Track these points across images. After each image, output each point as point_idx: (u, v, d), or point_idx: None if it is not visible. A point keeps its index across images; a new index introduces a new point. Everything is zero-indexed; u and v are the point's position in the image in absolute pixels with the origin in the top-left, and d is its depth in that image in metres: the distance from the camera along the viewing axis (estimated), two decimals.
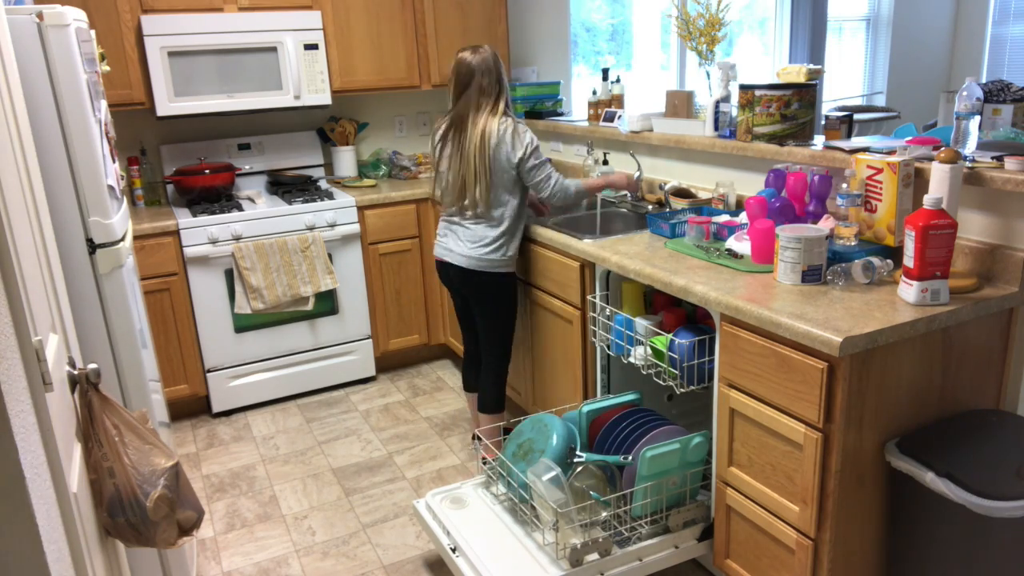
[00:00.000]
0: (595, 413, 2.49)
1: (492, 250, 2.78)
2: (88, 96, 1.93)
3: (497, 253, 2.78)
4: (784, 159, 2.54)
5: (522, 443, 2.43)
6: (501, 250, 2.79)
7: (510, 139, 2.70)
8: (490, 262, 2.79)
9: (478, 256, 2.79)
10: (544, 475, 2.16)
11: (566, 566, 2.10)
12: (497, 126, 2.70)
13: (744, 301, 1.96)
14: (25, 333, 1.14)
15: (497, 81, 2.74)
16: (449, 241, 2.86)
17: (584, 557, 2.12)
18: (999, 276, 2.01)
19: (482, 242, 2.78)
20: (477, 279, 2.82)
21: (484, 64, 2.71)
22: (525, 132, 2.73)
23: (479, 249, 2.78)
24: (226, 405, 3.66)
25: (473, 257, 2.79)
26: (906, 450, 1.84)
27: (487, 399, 2.95)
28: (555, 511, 2.10)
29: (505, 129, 2.71)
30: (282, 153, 4.09)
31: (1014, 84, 2.91)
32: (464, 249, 2.81)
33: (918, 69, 6.23)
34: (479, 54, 2.73)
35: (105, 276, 1.99)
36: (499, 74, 2.75)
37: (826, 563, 1.88)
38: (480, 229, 2.79)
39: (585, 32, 5.25)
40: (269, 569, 2.57)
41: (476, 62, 2.71)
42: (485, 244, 2.78)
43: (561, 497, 2.12)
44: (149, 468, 1.51)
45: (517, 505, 2.35)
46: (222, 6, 3.57)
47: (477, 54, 2.73)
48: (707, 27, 3.00)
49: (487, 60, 2.72)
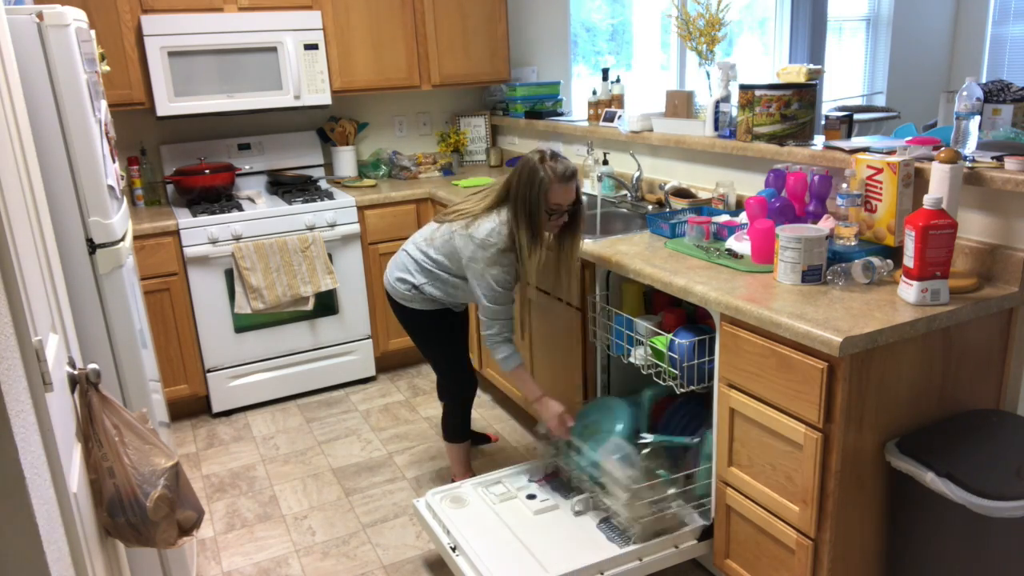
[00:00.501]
0: (658, 396, 2.57)
1: (400, 280, 2.59)
2: (88, 96, 1.93)
3: (402, 286, 2.58)
4: (784, 159, 2.54)
5: (587, 424, 2.51)
6: (406, 285, 2.57)
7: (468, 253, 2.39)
8: (401, 295, 2.60)
9: (390, 279, 2.63)
10: (615, 454, 2.29)
11: (639, 541, 2.18)
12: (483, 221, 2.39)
13: (744, 301, 1.96)
14: (25, 333, 1.14)
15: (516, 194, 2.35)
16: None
17: (656, 529, 2.20)
18: (999, 276, 2.01)
19: (397, 269, 2.60)
20: (396, 308, 2.67)
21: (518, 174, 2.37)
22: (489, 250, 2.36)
23: (393, 272, 2.62)
24: (226, 405, 3.66)
25: (389, 281, 2.63)
26: (906, 450, 1.84)
27: (445, 428, 2.84)
28: (628, 488, 2.18)
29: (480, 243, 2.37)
30: (282, 153, 4.09)
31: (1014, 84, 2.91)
32: (389, 270, 2.66)
33: (918, 69, 6.23)
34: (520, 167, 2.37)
35: (105, 276, 1.99)
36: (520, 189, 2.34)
37: (826, 563, 1.88)
38: (406, 256, 2.59)
39: (585, 32, 5.25)
40: (269, 569, 2.57)
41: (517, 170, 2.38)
42: (400, 271, 2.59)
43: (634, 474, 2.21)
44: (149, 468, 1.51)
45: (586, 484, 2.43)
46: (222, 6, 3.57)
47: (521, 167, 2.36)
48: (707, 27, 3.00)
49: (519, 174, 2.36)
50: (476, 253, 2.40)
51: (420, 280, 2.55)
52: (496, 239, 2.37)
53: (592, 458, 2.39)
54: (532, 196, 2.31)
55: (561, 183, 2.33)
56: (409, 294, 2.58)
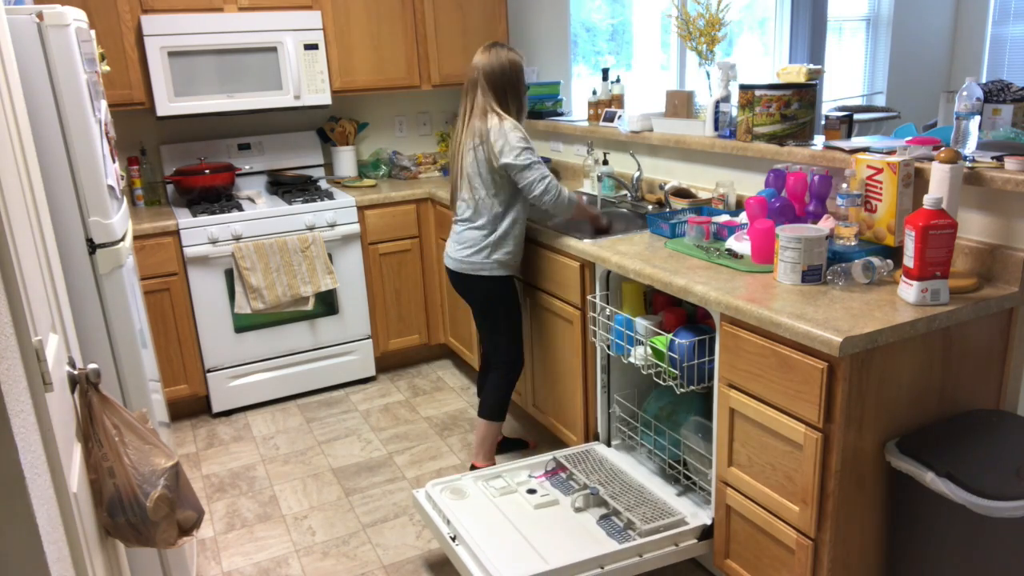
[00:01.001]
0: None
1: (474, 252, 2.73)
2: (88, 96, 1.94)
3: (479, 256, 2.73)
4: (784, 159, 2.54)
5: (663, 406, 2.56)
6: (484, 252, 2.73)
7: (494, 138, 2.62)
8: (473, 265, 2.75)
9: (462, 259, 2.76)
10: (697, 432, 2.37)
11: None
12: (485, 125, 2.65)
13: (744, 301, 1.96)
14: (25, 333, 1.14)
15: (504, 85, 2.66)
16: (448, 245, 2.85)
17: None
18: (999, 276, 2.01)
19: (466, 244, 2.75)
20: (467, 283, 2.80)
21: (490, 67, 2.65)
22: (512, 131, 2.62)
23: (463, 251, 2.76)
24: (226, 405, 3.66)
25: (459, 259, 2.77)
26: (906, 450, 1.84)
27: (485, 404, 2.90)
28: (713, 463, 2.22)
29: (491, 128, 2.63)
30: (282, 153, 4.09)
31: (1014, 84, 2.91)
32: (453, 251, 2.79)
33: (918, 69, 6.23)
34: (489, 55, 2.67)
35: (105, 276, 1.99)
36: (505, 79, 2.66)
37: (826, 563, 1.88)
38: (466, 231, 2.76)
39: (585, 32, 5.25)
40: (269, 569, 2.57)
41: (482, 63, 2.66)
42: (469, 246, 2.74)
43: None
44: (149, 468, 1.51)
45: (666, 462, 2.51)
46: (222, 6, 3.57)
47: (487, 54, 2.67)
48: (707, 27, 3.00)
49: (496, 63, 2.66)
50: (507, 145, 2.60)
51: (487, 240, 2.71)
52: (499, 125, 2.63)
53: (674, 437, 2.47)
54: (520, 81, 2.70)
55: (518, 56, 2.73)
56: (488, 261, 2.72)
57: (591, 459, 2.66)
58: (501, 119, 2.64)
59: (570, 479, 2.57)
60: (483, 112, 2.67)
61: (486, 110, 2.66)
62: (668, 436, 2.50)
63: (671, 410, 2.54)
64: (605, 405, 2.76)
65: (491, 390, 2.89)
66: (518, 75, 2.69)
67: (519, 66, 2.69)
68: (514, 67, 2.68)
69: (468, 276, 2.78)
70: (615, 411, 2.76)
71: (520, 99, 2.72)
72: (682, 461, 2.47)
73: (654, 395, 2.65)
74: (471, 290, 2.82)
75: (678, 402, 2.53)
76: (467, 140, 2.70)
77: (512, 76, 2.68)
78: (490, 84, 2.66)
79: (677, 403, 2.54)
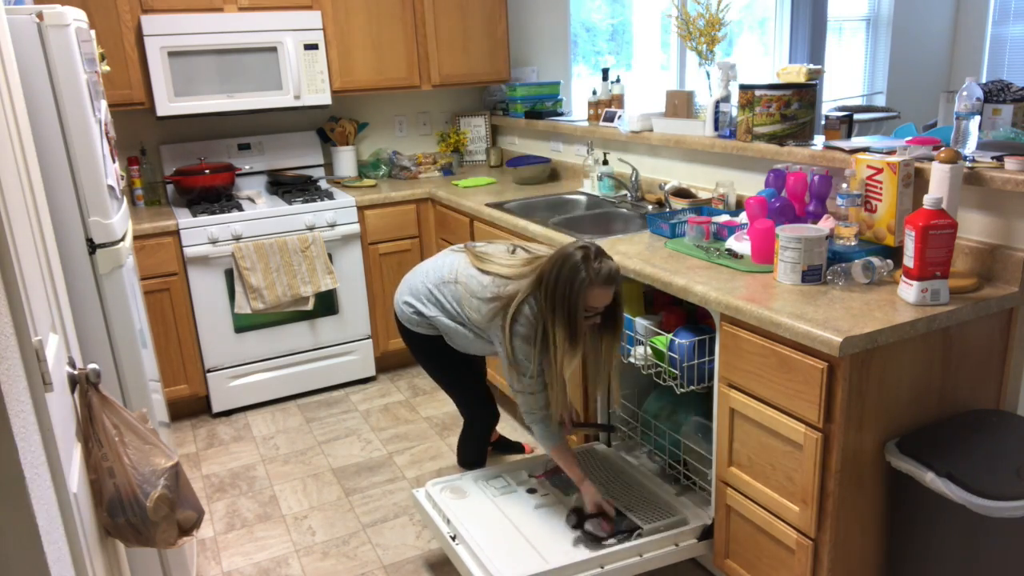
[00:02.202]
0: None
1: (408, 305, 2.45)
2: (88, 96, 1.93)
3: (409, 310, 2.44)
4: (784, 159, 2.54)
5: (663, 406, 2.54)
6: (416, 314, 2.43)
7: (492, 319, 2.22)
8: (403, 313, 2.48)
9: (397, 302, 2.50)
10: (698, 432, 2.35)
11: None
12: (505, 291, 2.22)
13: (744, 301, 1.96)
14: (25, 333, 1.14)
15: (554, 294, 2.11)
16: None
17: None
18: (999, 276, 2.01)
19: (408, 291, 2.46)
20: (401, 332, 2.54)
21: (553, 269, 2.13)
22: (520, 346, 2.18)
23: (402, 295, 2.48)
24: (226, 405, 3.66)
25: (396, 302, 2.51)
26: (906, 450, 1.84)
27: (459, 456, 2.75)
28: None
29: (510, 323, 2.18)
30: (282, 153, 4.09)
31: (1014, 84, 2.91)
32: (400, 291, 2.51)
33: (918, 69, 6.23)
34: (563, 251, 2.14)
35: (105, 276, 1.99)
36: (558, 285, 2.10)
37: (826, 563, 1.88)
38: (420, 279, 2.44)
39: (585, 32, 5.25)
40: (269, 569, 2.57)
41: (554, 253, 2.18)
42: (408, 295, 2.45)
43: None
44: (149, 468, 1.51)
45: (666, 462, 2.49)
46: (222, 6, 3.57)
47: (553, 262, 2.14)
48: (707, 27, 3.00)
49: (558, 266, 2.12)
50: (506, 342, 2.20)
51: (432, 313, 2.39)
52: (527, 330, 2.17)
53: (674, 437, 2.46)
54: (571, 295, 2.08)
55: (604, 287, 2.10)
56: (416, 318, 2.43)
57: (591, 459, 2.66)
58: (518, 313, 2.17)
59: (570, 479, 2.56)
60: (521, 295, 2.18)
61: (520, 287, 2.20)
62: (668, 436, 2.50)
63: (671, 410, 2.54)
64: (605, 405, 2.76)
65: (462, 441, 2.73)
66: (566, 289, 2.09)
67: (580, 284, 2.08)
68: (571, 281, 2.09)
69: (401, 324, 2.51)
70: (615, 411, 2.76)
71: (555, 306, 2.11)
72: (682, 461, 2.47)
73: (654, 395, 2.65)
74: (405, 340, 2.54)
75: (678, 402, 2.53)
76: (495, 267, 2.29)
77: (560, 289, 2.11)
78: (547, 276, 2.14)
79: (677, 403, 2.54)
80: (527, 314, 2.16)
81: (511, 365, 2.22)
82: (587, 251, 2.10)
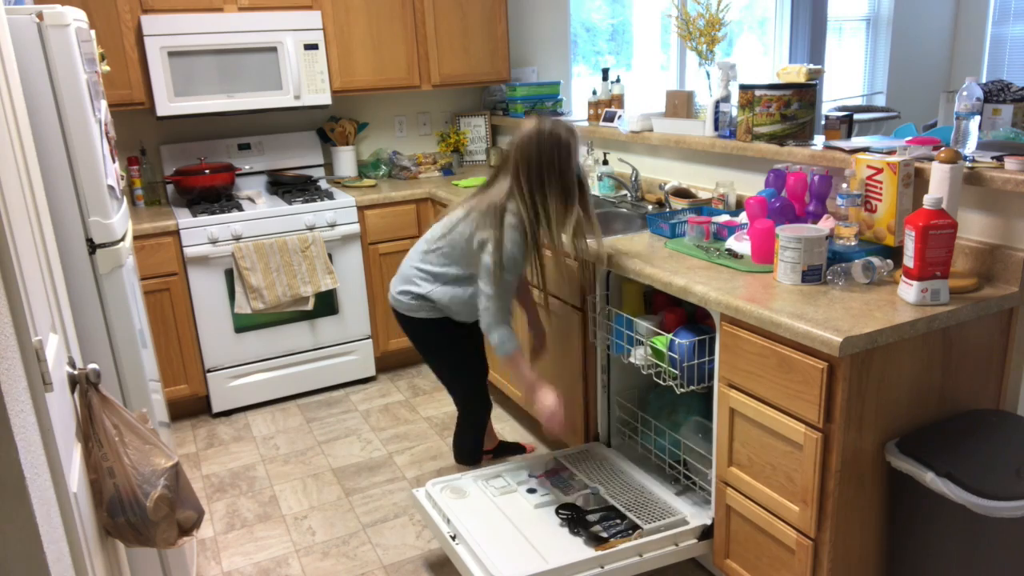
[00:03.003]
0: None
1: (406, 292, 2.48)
2: (88, 96, 1.93)
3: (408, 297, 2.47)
4: (784, 159, 2.54)
5: (663, 406, 2.54)
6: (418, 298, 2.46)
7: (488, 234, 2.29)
8: (402, 304, 2.49)
9: (395, 294, 2.51)
10: (698, 432, 2.36)
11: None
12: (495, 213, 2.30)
13: (744, 301, 1.96)
14: (25, 333, 1.14)
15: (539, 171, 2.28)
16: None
17: None
18: (999, 276, 2.01)
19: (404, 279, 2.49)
20: (402, 322, 2.54)
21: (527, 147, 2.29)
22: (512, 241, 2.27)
23: (399, 285, 2.50)
24: (226, 405, 3.66)
25: (393, 295, 2.52)
26: (906, 450, 1.84)
27: (456, 450, 2.73)
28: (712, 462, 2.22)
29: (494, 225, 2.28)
30: (282, 153, 4.09)
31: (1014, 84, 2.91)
32: (393, 284, 2.54)
33: (918, 69, 6.23)
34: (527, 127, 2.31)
35: (105, 276, 1.99)
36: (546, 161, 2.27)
37: (826, 563, 1.88)
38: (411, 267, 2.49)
39: (585, 32, 5.25)
40: (269, 569, 2.57)
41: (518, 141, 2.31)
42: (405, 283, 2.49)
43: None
44: (149, 468, 1.51)
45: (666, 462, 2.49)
46: (222, 6, 3.57)
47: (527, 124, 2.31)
48: (707, 27, 3.00)
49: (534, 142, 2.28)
50: (496, 232, 2.28)
51: (426, 288, 2.43)
52: (516, 221, 2.28)
53: (674, 437, 2.46)
54: (560, 157, 2.26)
55: (576, 138, 2.31)
56: (415, 303, 2.45)
57: (591, 459, 2.66)
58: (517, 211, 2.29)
59: (570, 479, 2.57)
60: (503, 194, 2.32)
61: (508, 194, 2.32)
62: (668, 436, 2.50)
63: (671, 410, 2.54)
64: (605, 405, 2.76)
65: (458, 434, 2.71)
66: (552, 155, 2.27)
67: (559, 144, 2.26)
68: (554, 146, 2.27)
69: (400, 315, 2.52)
70: (615, 411, 2.76)
71: (556, 182, 2.28)
72: (682, 461, 2.47)
73: (654, 395, 2.65)
74: (407, 331, 2.55)
75: (678, 402, 2.53)
76: (466, 206, 2.41)
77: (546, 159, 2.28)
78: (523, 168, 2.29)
79: (677, 403, 2.54)
80: (513, 208, 2.29)
81: (496, 265, 2.28)
82: (544, 120, 2.31)
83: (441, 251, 2.42)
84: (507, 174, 2.34)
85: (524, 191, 2.29)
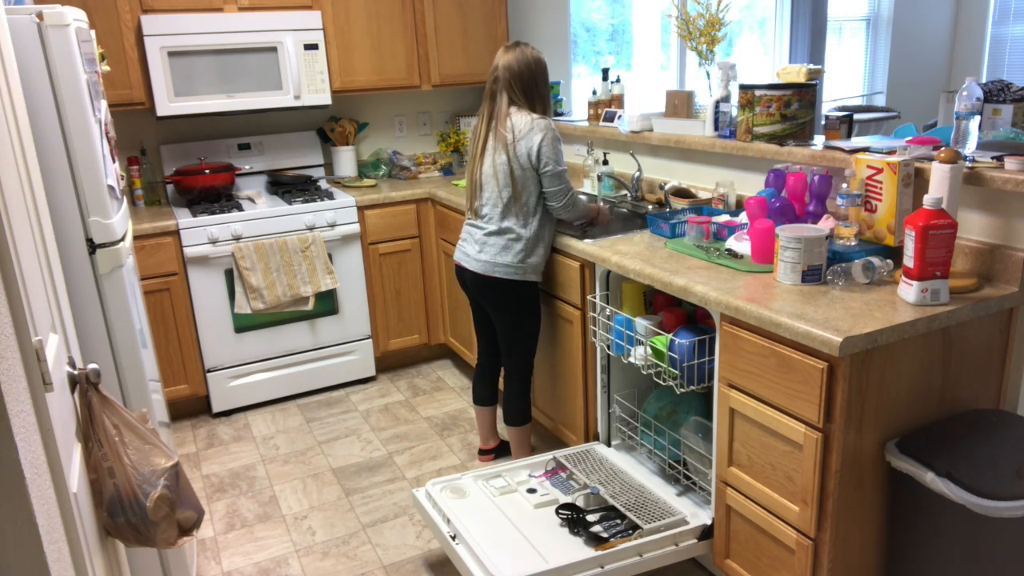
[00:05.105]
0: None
1: (504, 254, 2.66)
2: (88, 96, 1.93)
3: (509, 257, 2.66)
4: (784, 159, 2.54)
5: (663, 407, 2.55)
6: (517, 255, 2.66)
7: (533, 137, 2.57)
8: (502, 268, 2.67)
9: (489, 260, 2.68)
10: (698, 432, 2.37)
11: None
12: (519, 124, 2.60)
13: (744, 301, 1.96)
14: (25, 333, 1.14)
15: (531, 86, 2.64)
16: (467, 245, 2.77)
17: None
18: (999, 276, 2.01)
19: (494, 246, 2.67)
20: (492, 286, 2.71)
21: (517, 66, 2.63)
22: (548, 132, 2.59)
23: (490, 253, 2.68)
24: (226, 405, 3.66)
25: (485, 261, 2.69)
26: (906, 450, 1.84)
27: (511, 412, 2.86)
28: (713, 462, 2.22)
29: (526, 127, 2.59)
30: (282, 153, 4.09)
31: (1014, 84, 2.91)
32: (476, 253, 2.71)
33: (918, 69, 6.23)
34: (514, 54, 2.64)
35: (105, 276, 1.99)
36: (532, 79, 2.64)
37: (826, 563, 1.88)
38: (493, 235, 2.68)
39: (585, 32, 5.25)
40: (269, 569, 2.57)
41: (507, 63, 2.63)
42: (498, 249, 2.67)
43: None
44: (149, 468, 1.51)
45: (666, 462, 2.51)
46: (222, 6, 3.57)
47: (512, 53, 2.64)
48: (707, 27, 3.00)
49: (523, 61, 2.63)
50: (550, 144, 2.59)
51: (520, 243, 2.66)
52: (542, 121, 2.61)
53: (674, 437, 2.48)
54: (545, 76, 2.69)
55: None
56: (521, 265, 2.67)
57: (591, 459, 2.66)
58: (533, 119, 2.61)
59: (570, 479, 2.57)
60: (511, 113, 2.64)
61: (514, 111, 2.64)
62: (668, 436, 2.50)
63: (671, 410, 2.54)
64: (605, 405, 2.76)
65: (516, 397, 2.86)
66: (544, 74, 2.68)
67: (544, 65, 2.68)
68: (540, 66, 2.67)
69: (494, 279, 2.69)
70: (615, 411, 2.76)
71: (546, 99, 2.69)
72: (682, 461, 2.47)
73: (654, 395, 2.65)
74: (496, 294, 2.72)
75: (678, 402, 2.53)
76: (494, 142, 2.65)
77: (539, 76, 2.66)
78: (517, 84, 2.63)
79: (677, 403, 2.54)
80: (542, 123, 2.61)
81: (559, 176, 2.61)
82: (523, 46, 2.66)
83: (511, 197, 2.64)
84: (501, 99, 2.65)
85: (525, 105, 2.64)
